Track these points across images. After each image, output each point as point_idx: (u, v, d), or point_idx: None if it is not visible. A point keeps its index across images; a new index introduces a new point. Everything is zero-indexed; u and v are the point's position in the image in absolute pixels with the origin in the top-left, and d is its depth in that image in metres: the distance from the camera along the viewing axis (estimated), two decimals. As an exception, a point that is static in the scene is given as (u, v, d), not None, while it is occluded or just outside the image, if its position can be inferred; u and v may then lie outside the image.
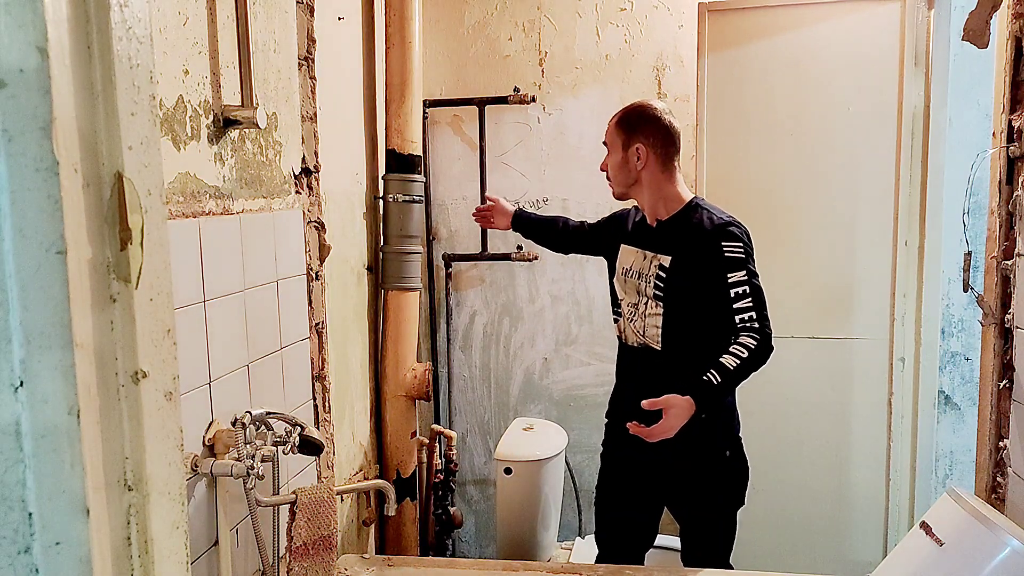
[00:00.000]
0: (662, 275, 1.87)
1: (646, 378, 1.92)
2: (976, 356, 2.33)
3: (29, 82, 0.53)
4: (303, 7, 1.90)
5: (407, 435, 2.53)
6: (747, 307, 1.77)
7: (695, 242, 1.83)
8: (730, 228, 1.81)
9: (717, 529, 1.96)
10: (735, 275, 1.78)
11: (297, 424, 1.63)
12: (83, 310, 0.56)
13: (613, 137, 1.92)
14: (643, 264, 1.92)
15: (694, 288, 1.83)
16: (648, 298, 1.90)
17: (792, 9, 2.51)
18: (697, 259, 1.82)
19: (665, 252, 1.88)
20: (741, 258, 1.79)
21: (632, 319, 1.95)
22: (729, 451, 1.91)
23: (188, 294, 1.43)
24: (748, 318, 1.76)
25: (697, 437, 1.86)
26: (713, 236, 1.80)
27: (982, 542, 1.55)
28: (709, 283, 1.80)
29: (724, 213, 1.87)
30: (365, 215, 2.42)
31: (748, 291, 1.77)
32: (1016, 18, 1.65)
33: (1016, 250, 1.68)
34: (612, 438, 2.07)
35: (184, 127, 1.41)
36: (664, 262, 1.87)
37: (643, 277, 1.91)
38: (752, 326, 1.76)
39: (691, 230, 1.85)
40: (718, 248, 1.79)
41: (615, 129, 1.92)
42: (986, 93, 2.41)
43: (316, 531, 1.76)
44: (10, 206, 0.53)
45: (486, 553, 3.02)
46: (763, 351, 1.76)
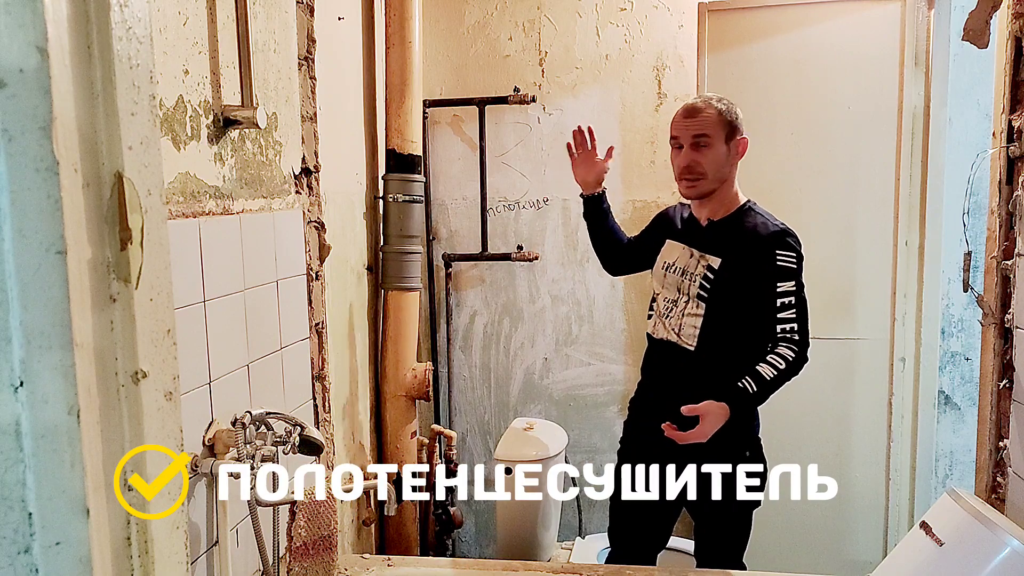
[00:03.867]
0: (709, 276, 1.84)
1: (672, 376, 1.91)
2: (976, 356, 2.33)
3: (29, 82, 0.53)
4: (303, 7, 1.90)
5: (407, 435, 2.53)
6: (791, 318, 1.76)
7: (749, 247, 1.80)
8: (786, 237, 1.79)
9: (733, 528, 1.96)
10: (785, 285, 1.76)
11: (297, 424, 1.63)
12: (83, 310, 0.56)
13: (716, 130, 1.82)
14: (689, 262, 1.89)
15: (741, 293, 1.81)
16: (690, 297, 1.87)
17: (792, 9, 2.51)
18: (748, 264, 1.80)
19: (715, 253, 1.85)
20: (793, 268, 1.77)
21: (668, 315, 1.92)
22: (749, 451, 1.91)
23: (188, 294, 1.43)
24: (790, 329, 1.76)
25: (718, 436, 1.87)
26: (768, 243, 1.78)
27: (982, 542, 1.55)
28: (757, 289, 1.79)
29: (778, 220, 1.84)
30: (365, 215, 2.42)
31: (794, 303, 1.76)
32: (1016, 18, 1.65)
33: (1016, 250, 1.68)
34: (631, 433, 2.06)
35: (184, 127, 1.41)
36: (713, 263, 1.84)
37: (687, 275, 1.88)
38: (793, 338, 1.76)
39: (745, 234, 1.82)
40: (772, 256, 1.77)
41: (719, 120, 1.82)
42: (986, 93, 2.41)
43: (316, 531, 1.76)
44: (10, 206, 0.53)
45: (486, 553, 3.02)
46: (799, 364, 1.76)
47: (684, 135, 1.84)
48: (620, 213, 2.79)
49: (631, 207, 2.78)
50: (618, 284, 2.83)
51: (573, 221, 2.83)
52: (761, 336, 1.79)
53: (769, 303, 1.77)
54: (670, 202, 2.64)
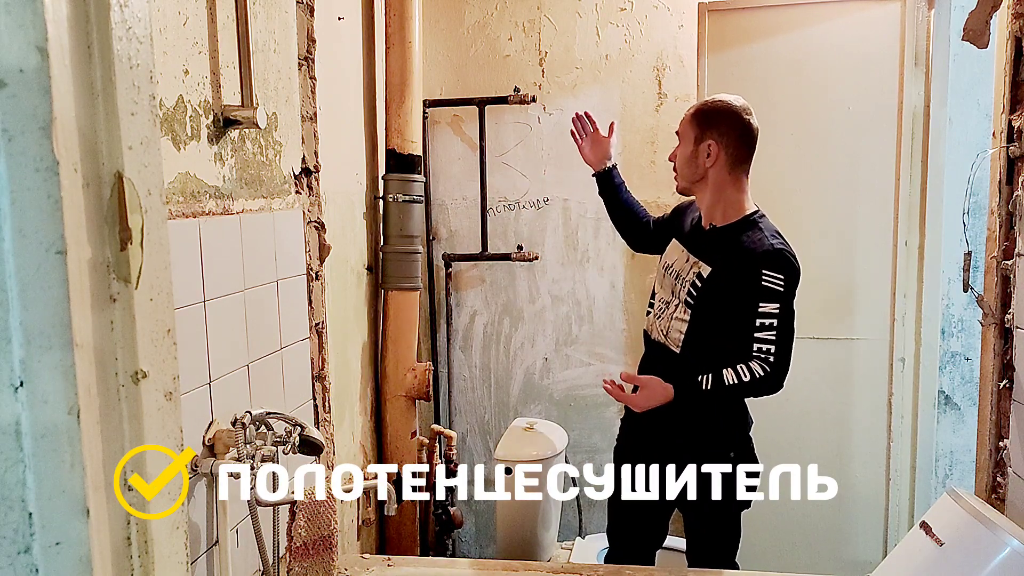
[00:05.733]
0: (697, 284, 1.83)
1: (661, 376, 1.90)
2: (976, 356, 2.33)
3: (29, 82, 0.53)
4: (303, 7, 1.90)
5: (407, 435, 2.53)
6: (768, 339, 1.72)
7: (737, 261, 1.77)
8: (777, 258, 1.74)
9: (718, 528, 1.96)
10: (767, 306, 1.72)
11: (297, 424, 1.63)
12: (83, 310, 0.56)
13: (687, 128, 1.86)
14: (684, 266, 1.89)
15: (723, 305, 1.79)
16: (680, 301, 1.87)
17: (792, 9, 2.51)
18: (734, 278, 1.77)
19: (707, 261, 1.83)
20: (778, 291, 1.72)
21: (660, 316, 1.93)
22: (734, 452, 1.90)
23: (188, 294, 1.43)
24: (766, 350, 1.72)
25: (702, 438, 1.87)
26: (756, 261, 1.74)
27: (982, 542, 1.55)
28: (737, 304, 1.76)
29: (779, 238, 1.79)
30: (365, 215, 2.42)
31: (775, 324, 1.72)
32: (1016, 18, 1.65)
33: (1016, 250, 1.68)
34: (624, 432, 2.07)
35: (184, 127, 1.41)
36: (703, 271, 1.83)
37: (680, 279, 1.88)
38: (767, 359, 1.72)
39: (738, 247, 1.79)
40: (757, 275, 1.73)
41: (690, 121, 1.86)
42: (986, 93, 2.41)
43: (316, 531, 1.76)
44: (10, 206, 0.53)
45: (486, 553, 3.02)
46: (768, 384, 1.74)
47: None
48: (620, 213, 2.80)
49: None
50: (618, 284, 2.83)
51: (573, 221, 2.83)
52: (740, 349, 1.76)
53: (748, 320, 1.74)
54: (670, 202, 2.64)
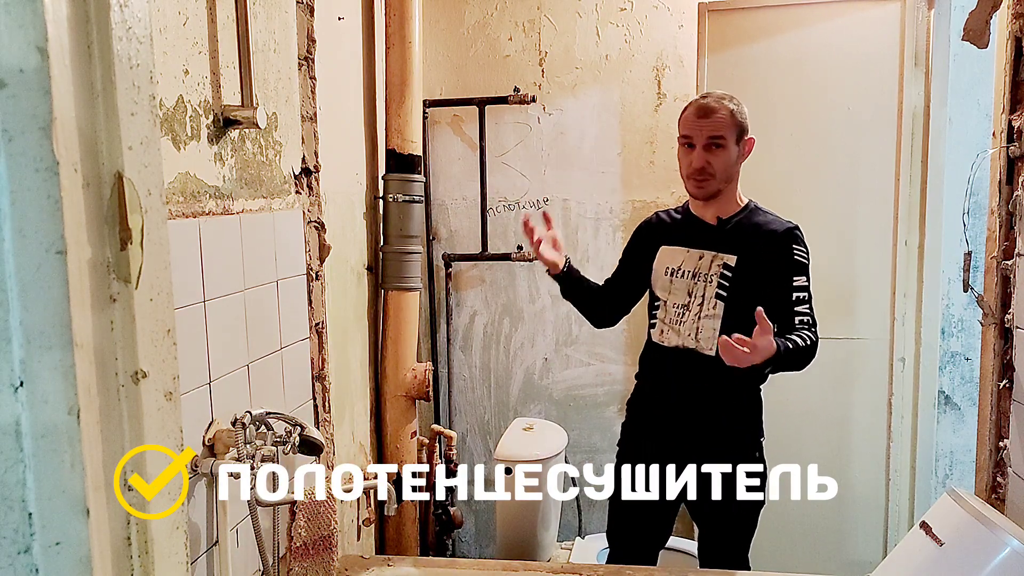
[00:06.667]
0: (727, 274, 1.85)
1: (690, 383, 1.91)
2: (976, 356, 2.33)
3: (29, 82, 0.53)
4: (303, 7, 1.90)
5: (407, 435, 2.53)
6: (806, 311, 1.81)
7: (766, 244, 1.85)
8: (799, 234, 1.87)
9: (737, 528, 1.96)
10: (800, 279, 1.83)
11: (297, 424, 1.63)
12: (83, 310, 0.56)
13: (729, 130, 1.82)
14: (699, 264, 1.89)
15: (759, 288, 1.83)
16: (705, 299, 1.87)
17: (792, 9, 2.51)
18: (766, 260, 1.84)
19: (731, 252, 1.86)
20: (805, 263, 1.85)
21: (680, 321, 1.91)
22: (758, 452, 1.94)
23: (188, 294, 1.43)
24: (806, 321, 1.80)
25: (725, 436, 1.90)
26: (785, 239, 1.85)
27: (982, 542, 1.55)
28: (775, 284, 1.82)
29: (782, 217, 1.91)
30: (365, 215, 2.42)
31: (807, 296, 1.83)
32: (1016, 18, 1.65)
33: (1016, 250, 1.68)
34: (631, 435, 2.06)
35: (184, 127, 1.41)
36: (729, 261, 1.86)
37: (700, 277, 1.88)
38: (811, 327, 1.80)
39: (760, 231, 1.87)
40: (789, 251, 1.83)
41: (732, 120, 1.83)
42: (986, 93, 2.41)
43: (316, 531, 1.76)
44: (10, 206, 0.53)
45: (486, 553, 3.02)
46: (814, 350, 1.78)
47: (698, 136, 1.83)
48: (620, 213, 2.80)
49: (631, 207, 2.78)
50: (618, 284, 2.83)
51: (573, 221, 2.83)
52: (781, 325, 1.79)
53: (786, 297, 1.81)
54: (670, 202, 2.64)
